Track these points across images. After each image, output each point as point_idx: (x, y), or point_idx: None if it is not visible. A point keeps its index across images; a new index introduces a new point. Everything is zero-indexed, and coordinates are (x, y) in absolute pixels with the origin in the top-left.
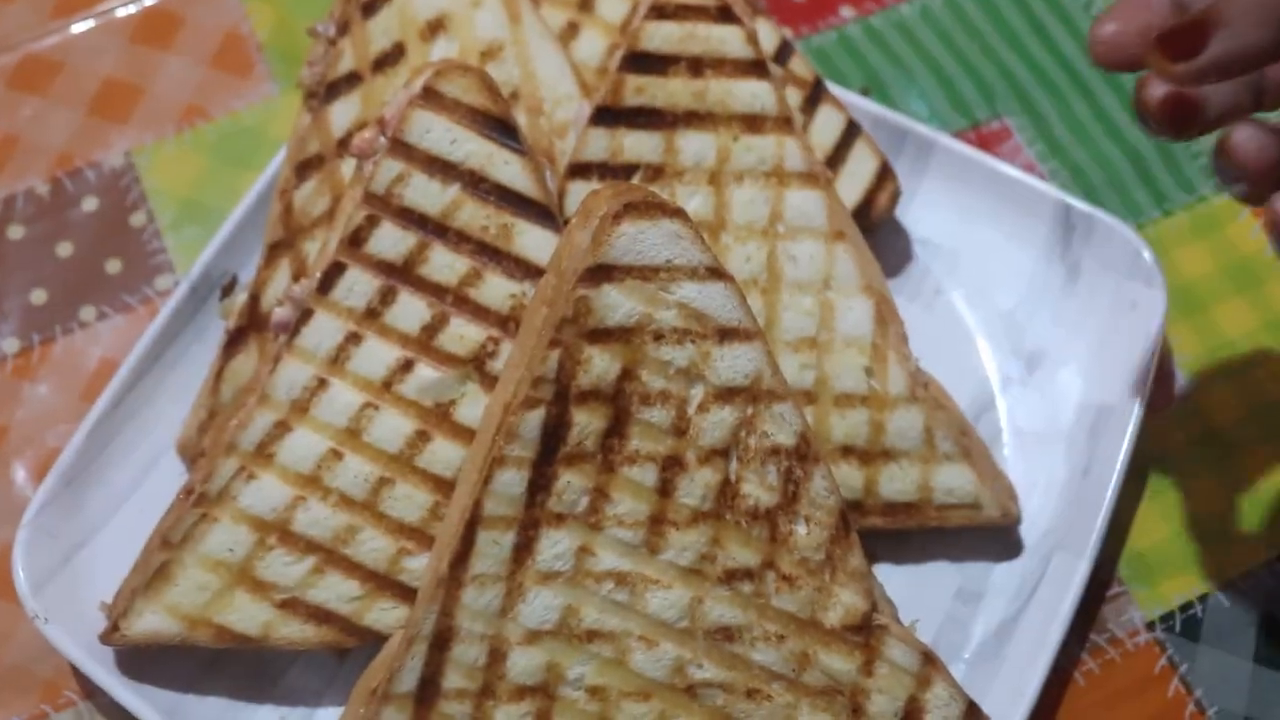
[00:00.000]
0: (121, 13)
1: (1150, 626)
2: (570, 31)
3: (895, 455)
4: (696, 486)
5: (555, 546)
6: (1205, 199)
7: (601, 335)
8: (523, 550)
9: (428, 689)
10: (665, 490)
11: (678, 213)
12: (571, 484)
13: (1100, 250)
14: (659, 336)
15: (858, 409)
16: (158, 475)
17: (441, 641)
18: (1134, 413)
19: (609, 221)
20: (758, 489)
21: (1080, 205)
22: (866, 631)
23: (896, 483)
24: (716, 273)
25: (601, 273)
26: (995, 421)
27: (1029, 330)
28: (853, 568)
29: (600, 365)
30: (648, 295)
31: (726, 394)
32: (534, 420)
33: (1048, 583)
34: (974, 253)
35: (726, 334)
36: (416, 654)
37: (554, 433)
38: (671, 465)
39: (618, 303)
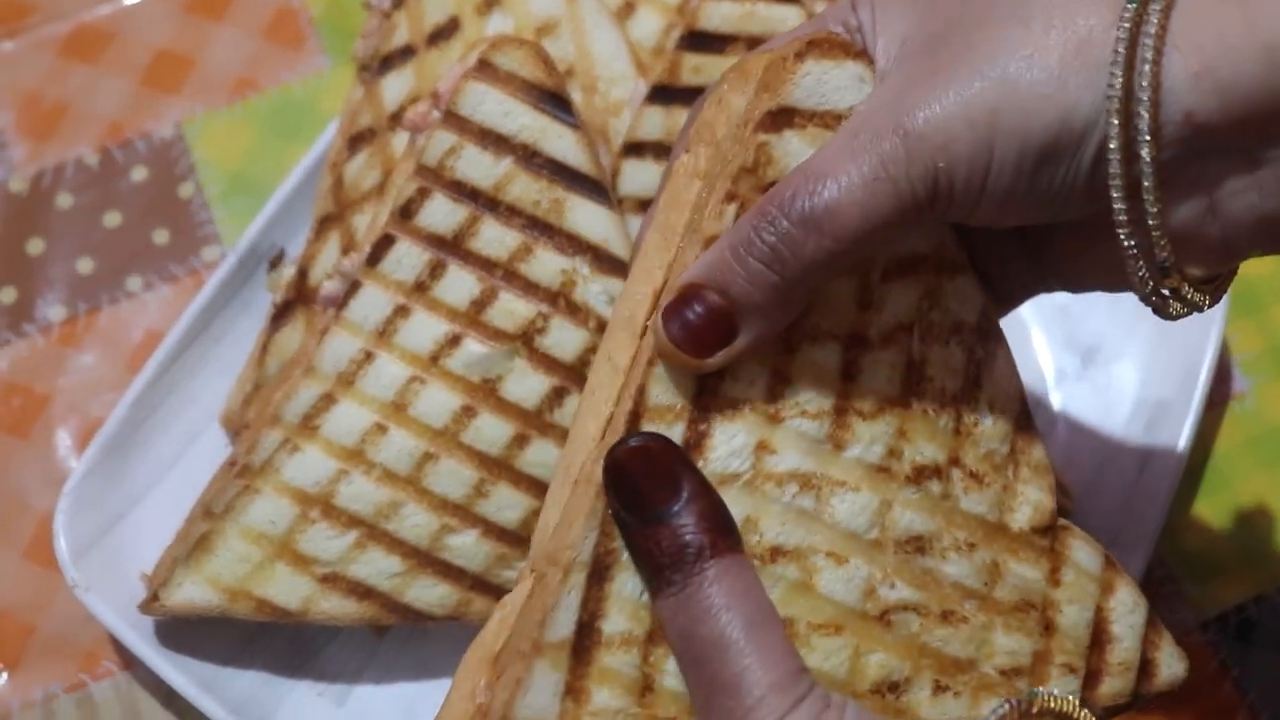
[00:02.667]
0: None
1: (1203, 627)
2: (626, 10)
3: None
4: (882, 367)
5: (731, 441)
6: None
7: None
8: (693, 449)
9: (586, 636)
10: (849, 373)
11: (861, 54)
12: (747, 364)
13: None
14: None
15: None
16: (201, 447)
17: (601, 570)
18: (1191, 410)
19: (791, 60)
20: (943, 371)
21: None
22: (1052, 534)
23: None
24: None
25: (783, 117)
26: (1049, 415)
27: (1084, 323)
28: (1036, 461)
29: None
30: None
31: (910, 261)
32: None
33: None
34: None
35: None
36: (574, 586)
37: None
38: (855, 343)
39: (800, 151)
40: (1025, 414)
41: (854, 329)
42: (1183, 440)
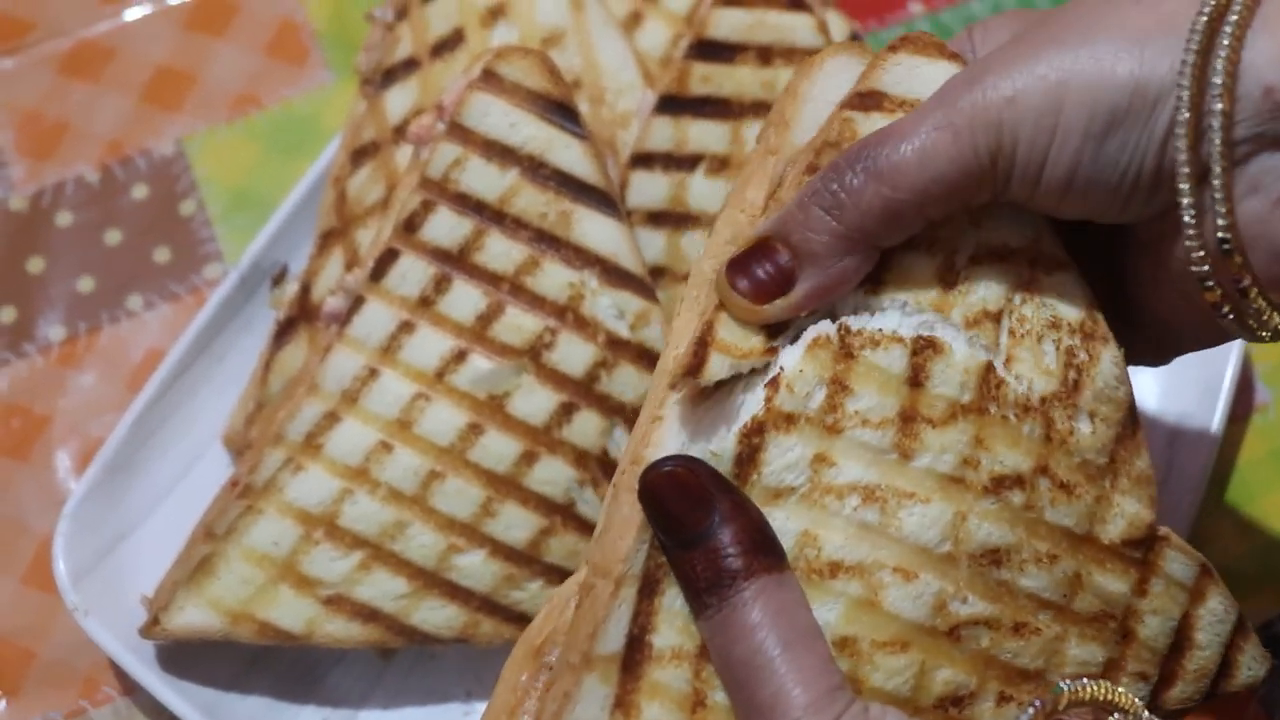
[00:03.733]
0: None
1: None
2: (633, 20)
3: None
4: (955, 371)
5: (785, 456)
6: None
7: None
8: (745, 462)
9: (637, 650)
10: (917, 378)
11: (955, 57)
12: (804, 372)
13: None
14: None
15: None
16: (203, 467)
17: (651, 584)
18: (1214, 422)
19: (885, 51)
20: (1032, 371)
21: None
22: (1146, 545)
23: None
24: None
25: (872, 99)
26: None
27: None
28: (1139, 472)
29: None
30: None
31: (1002, 250)
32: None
33: None
34: None
35: None
36: (625, 600)
37: None
38: (923, 347)
39: None
40: (1132, 422)
41: (920, 332)
42: (1206, 453)
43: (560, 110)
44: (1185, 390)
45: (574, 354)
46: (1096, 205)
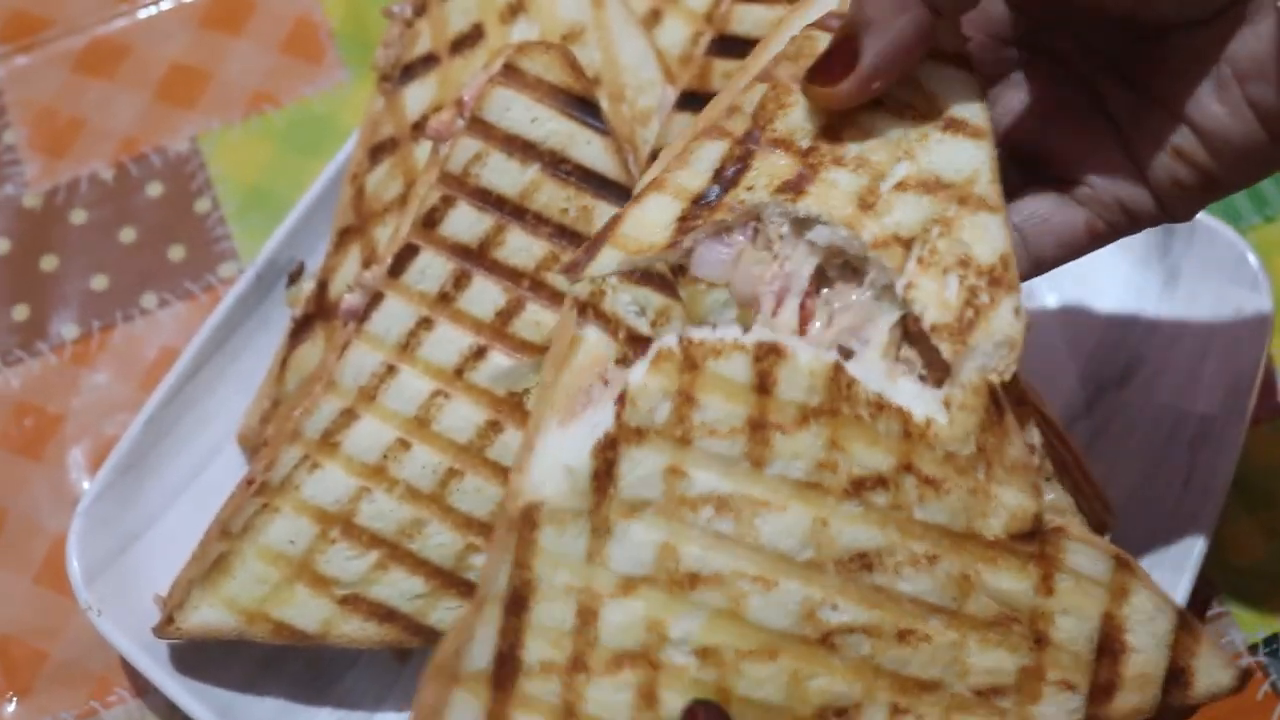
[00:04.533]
0: None
1: (1252, 649)
2: (653, 18)
3: None
4: (801, 375)
5: (636, 470)
6: None
7: None
8: (602, 476)
9: (506, 665)
10: (764, 385)
11: None
12: (648, 386)
13: (1201, 255)
14: (878, 100)
15: None
16: (217, 466)
17: (518, 601)
18: (1238, 424)
19: None
20: (929, 299)
21: None
22: (1039, 538)
23: None
24: (965, 63)
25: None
26: (1090, 429)
27: (1126, 336)
28: (1012, 460)
29: (800, 115)
30: None
31: (931, 183)
32: (712, 151)
33: None
34: None
35: (955, 125)
36: (489, 619)
37: (730, 174)
38: (768, 353)
39: None
40: (996, 407)
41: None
42: (1230, 456)
43: (582, 105)
44: (1208, 393)
45: None
46: None
